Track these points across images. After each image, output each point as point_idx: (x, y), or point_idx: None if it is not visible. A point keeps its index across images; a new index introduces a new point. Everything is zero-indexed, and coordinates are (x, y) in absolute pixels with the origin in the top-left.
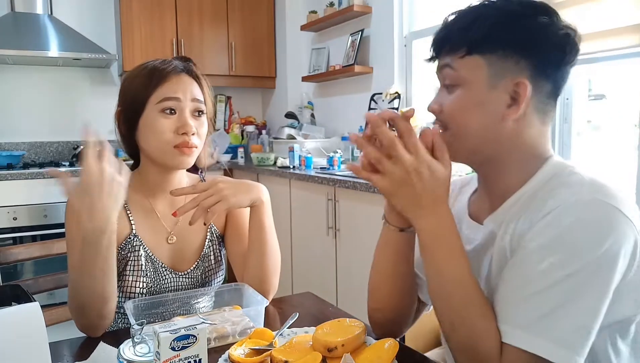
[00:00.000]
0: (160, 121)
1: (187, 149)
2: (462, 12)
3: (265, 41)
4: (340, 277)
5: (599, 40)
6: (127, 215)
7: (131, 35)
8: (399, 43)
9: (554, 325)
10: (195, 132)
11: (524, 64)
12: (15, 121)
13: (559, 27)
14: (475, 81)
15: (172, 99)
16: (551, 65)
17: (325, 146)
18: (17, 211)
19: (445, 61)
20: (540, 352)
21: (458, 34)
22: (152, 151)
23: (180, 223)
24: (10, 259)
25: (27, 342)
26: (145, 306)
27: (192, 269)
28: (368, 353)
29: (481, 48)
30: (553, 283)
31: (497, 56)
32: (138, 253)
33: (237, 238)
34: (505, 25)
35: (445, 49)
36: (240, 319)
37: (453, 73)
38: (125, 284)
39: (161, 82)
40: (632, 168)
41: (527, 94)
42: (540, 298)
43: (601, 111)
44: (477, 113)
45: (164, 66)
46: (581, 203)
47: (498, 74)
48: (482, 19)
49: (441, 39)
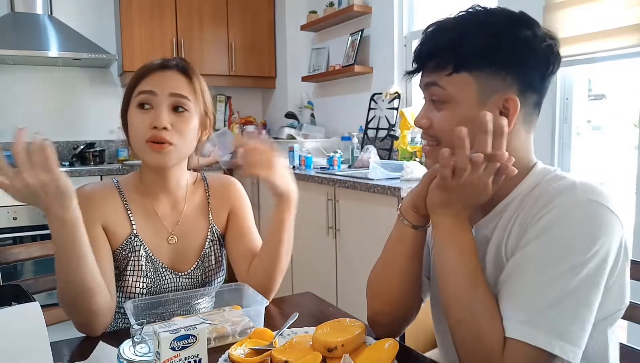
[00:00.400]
0: (137, 116)
1: (157, 145)
2: (444, 25)
3: (265, 41)
4: (340, 277)
5: (599, 40)
6: (127, 215)
7: (131, 35)
8: (398, 43)
9: (552, 319)
10: (170, 128)
11: (510, 79)
12: (15, 121)
13: (542, 40)
14: (464, 99)
15: (146, 93)
16: (537, 78)
17: (325, 146)
18: (17, 211)
19: (432, 79)
20: (541, 344)
21: (445, 52)
22: (134, 148)
23: (181, 223)
24: (10, 259)
25: (28, 342)
26: (145, 306)
27: (192, 269)
28: (368, 353)
29: (469, 66)
30: (550, 279)
31: (485, 73)
32: (138, 253)
33: (239, 238)
34: (492, 44)
35: (431, 65)
36: (240, 319)
37: (441, 91)
38: (125, 284)
39: (142, 78)
40: (632, 168)
41: (516, 110)
42: (539, 294)
43: (601, 111)
44: (468, 129)
45: (152, 63)
46: (575, 204)
47: (487, 91)
48: (469, 36)
49: (426, 54)
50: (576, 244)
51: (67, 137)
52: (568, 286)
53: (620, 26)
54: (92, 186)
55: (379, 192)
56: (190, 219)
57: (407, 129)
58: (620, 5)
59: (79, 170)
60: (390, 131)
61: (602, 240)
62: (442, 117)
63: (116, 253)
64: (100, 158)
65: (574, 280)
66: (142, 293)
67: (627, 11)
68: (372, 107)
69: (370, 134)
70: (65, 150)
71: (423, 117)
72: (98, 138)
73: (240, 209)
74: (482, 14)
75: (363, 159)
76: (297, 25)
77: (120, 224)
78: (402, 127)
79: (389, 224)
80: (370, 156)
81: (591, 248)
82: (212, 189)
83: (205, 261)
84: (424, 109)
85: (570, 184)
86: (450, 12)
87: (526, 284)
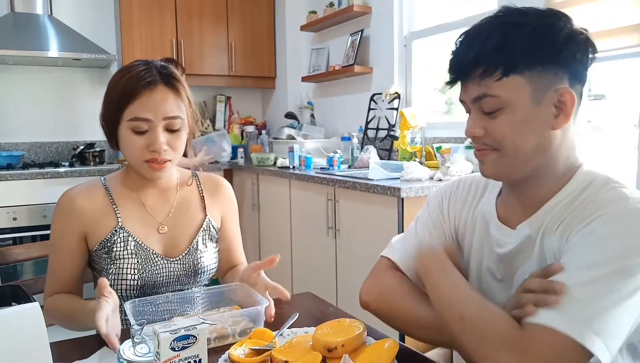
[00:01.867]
0: (132, 138)
1: (158, 166)
2: (481, 31)
3: (265, 41)
4: (340, 277)
5: (599, 40)
6: (113, 210)
7: (131, 35)
8: (398, 43)
9: (589, 314)
10: (168, 148)
11: (561, 73)
12: (15, 121)
13: (579, 32)
14: (519, 102)
15: (141, 120)
16: (581, 69)
17: (325, 146)
18: (17, 211)
19: (481, 90)
20: (573, 334)
21: (491, 57)
22: (130, 163)
23: (172, 214)
24: (10, 259)
25: (28, 342)
26: (145, 306)
27: (183, 255)
28: (368, 353)
29: (520, 67)
30: (592, 279)
31: (537, 72)
32: (127, 243)
33: (223, 251)
34: (539, 41)
35: (477, 73)
36: (240, 319)
37: (494, 100)
38: (117, 271)
39: (132, 100)
40: (632, 168)
41: (574, 101)
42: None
43: (601, 111)
44: (528, 132)
45: (139, 79)
46: (627, 213)
47: (541, 90)
48: (513, 38)
49: (470, 62)
50: (622, 250)
51: (67, 137)
52: (608, 287)
53: (620, 26)
54: (75, 190)
55: (379, 192)
56: (181, 209)
57: (407, 130)
58: (620, 5)
59: (79, 170)
60: (390, 131)
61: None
62: (499, 125)
63: (102, 245)
64: (100, 158)
65: (616, 283)
66: (133, 278)
67: (627, 11)
68: (372, 107)
69: (370, 135)
70: (65, 150)
71: (476, 126)
72: (98, 138)
73: (229, 217)
74: (515, 15)
75: (363, 159)
76: (297, 26)
77: (105, 219)
78: (402, 127)
79: (388, 224)
80: (370, 157)
81: (637, 255)
82: (205, 185)
83: (198, 248)
84: (474, 118)
85: (623, 195)
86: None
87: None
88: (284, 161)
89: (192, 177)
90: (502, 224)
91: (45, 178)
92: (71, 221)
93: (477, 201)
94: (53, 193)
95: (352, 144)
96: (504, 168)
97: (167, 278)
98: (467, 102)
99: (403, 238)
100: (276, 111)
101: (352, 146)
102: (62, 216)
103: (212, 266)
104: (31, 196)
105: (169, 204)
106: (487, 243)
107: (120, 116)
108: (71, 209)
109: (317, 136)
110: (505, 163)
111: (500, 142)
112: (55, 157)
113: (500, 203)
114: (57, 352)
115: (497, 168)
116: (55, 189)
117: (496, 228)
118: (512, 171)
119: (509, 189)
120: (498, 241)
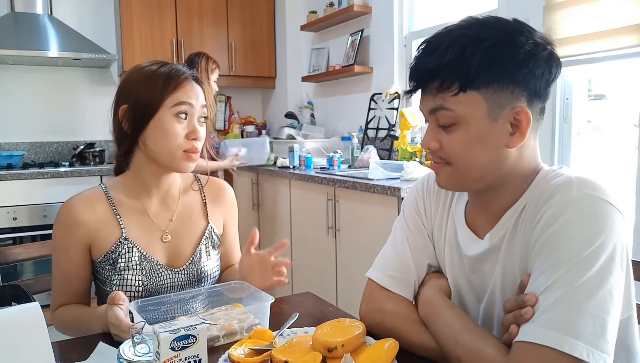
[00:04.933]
0: (174, 125)
1: (194, 155)
2: (440, 42)
3: (265, 41)
4: (340, 277)
5: (599, 40)
6: (116, 220)
7: (131, 35)
8: (398, 43)
9: (563, 318)
10: (201, 139)
11: (518, 91)
12: (15, 121)
13: (543, 47)
14: (474, 118)
15: (186, 104)
16: (542, 86)
17: (325, 146)
18: (17, 211)
19: (437, 103)
20: (553, 344)
21: (448, 72)
22: (160, 152)
23: (174, 221)
24: (10, 259)
25: (28, 342)
26: (146, 306)
27: (187, 265)
28: (368, 353)
29: (476, 84)
30: (553, 283)
31: (493, 89)
32: (131, 254)
33: (223, 240)
34: (496, 59)
35: (434, 86)
36: (245, 316)
37: (449, 114)
38: (122, 283)
39: (178, 87)
40: (632, 168)
41: (529, 121)
42: (546, 297)
43: (601, 111)
44: (481, 148)
45: (179, 71)
46: (572, 200)
47: (497, 107)
48: (471, 53)
49: (428, 75)
50: (576, 242)
51: (67, 137)
52: (573, 284)
53: (620, 26)
54: (76, 199)
55: (379, 192)
56: (184, 217)
57: (407, 129)
58: (620, 5)
59: (78, 170)
60: (390, 131)
61: (604, 235)
62: (453, 140)
63: (106, 256)
64: (100, 158)
65: (580, 278)
66: (137, 290)
67: (627, 11)
68: (372, 107)
69: (370, 134)
70: (65, 150)
71: (432, 140)
72: (98, 138)
73: (230, 222)
74: (477, 27)
75: (363, 159)
76: (297, 25)
77: (108, 230)
78: (402, 127)
79: (388, 224)
80: (370, 156)
81: (592, 244)
82: (207, 191)
83: (201, 257)
84: (431, 131)
85: (566, 181)
86: (442, 26)
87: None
88: (284, 161)
89: (195, 181)
90: (470, 231)
91: (45, 178)
92: (74, 234)
93: (450, 198)
94: (53, 193)
95: (352, 144)
96: (457, 182)
97: (171, 288)
98: (424, 113)
99: (384, 253)
100: (276, 111)
101: (352, 146)
102: (64, 228)
103: (215, 273)
104: (31, 196)
105: (172, 211)
106: (456, 247)
107: (161, 103)
108: (73, 221)
109: (317, 136)
110: (458, 177)
111: (452, 158)
112: (55, 157)
113: (469, 208)
114: (57, 351)
115: (450, 181)
116: (55, 189)
117: (464, 233)
118: (465, 185)
119: (473, 197)
120: (465, 246)
